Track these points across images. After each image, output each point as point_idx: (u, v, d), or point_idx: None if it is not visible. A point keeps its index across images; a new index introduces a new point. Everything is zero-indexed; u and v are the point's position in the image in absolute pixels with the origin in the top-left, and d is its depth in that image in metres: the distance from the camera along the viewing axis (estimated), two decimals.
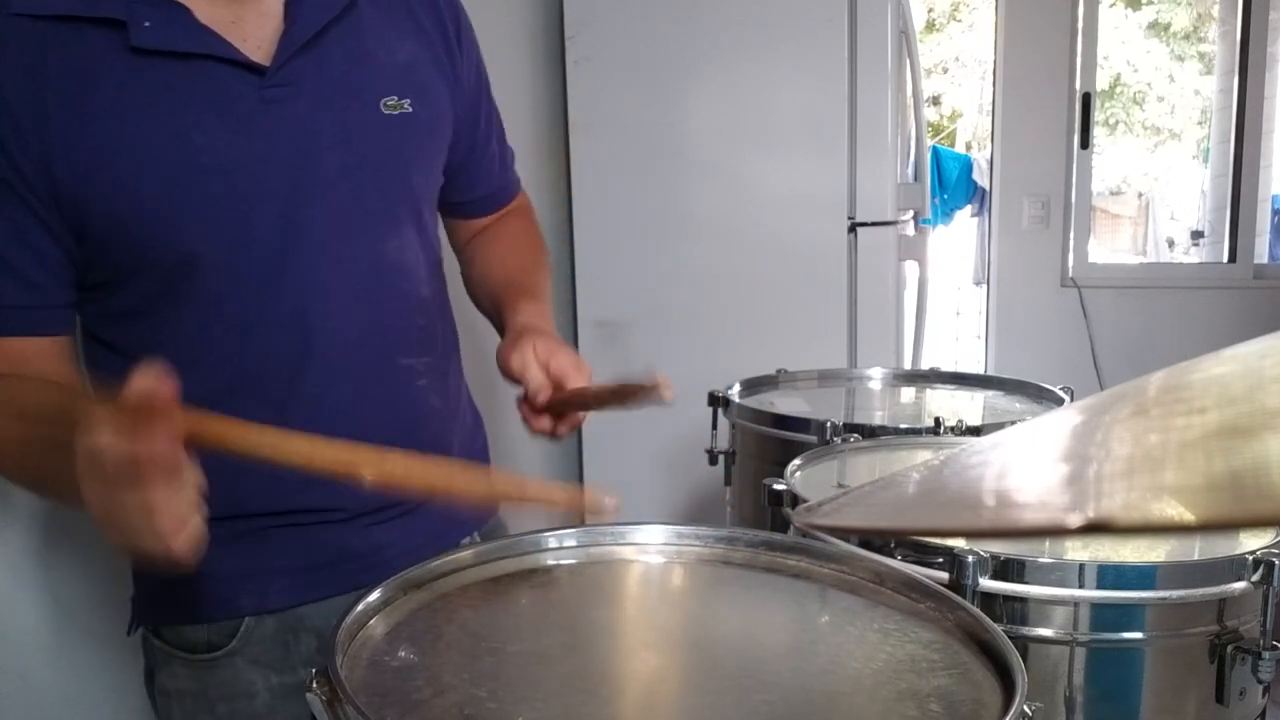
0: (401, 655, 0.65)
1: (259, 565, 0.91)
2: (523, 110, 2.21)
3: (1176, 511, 0.28)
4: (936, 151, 6.88)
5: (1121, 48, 9.32)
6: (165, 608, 0.94)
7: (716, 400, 1.52)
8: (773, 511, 1.03)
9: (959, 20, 11.05)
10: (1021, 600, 0.85)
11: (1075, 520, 0.29)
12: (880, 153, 2.13)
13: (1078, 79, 3.47)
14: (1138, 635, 0.85)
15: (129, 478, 0.60)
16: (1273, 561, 0.83)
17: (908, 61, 2.40)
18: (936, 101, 10.77)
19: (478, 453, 1.10)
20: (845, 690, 0.64)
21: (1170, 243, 8.41)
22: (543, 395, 0.91)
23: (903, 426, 1.36)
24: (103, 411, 0.61)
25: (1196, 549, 0.91)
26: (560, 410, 0.93)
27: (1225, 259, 3.59)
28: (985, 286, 3.82)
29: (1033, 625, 0.85)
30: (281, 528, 0.91)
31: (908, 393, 1.71)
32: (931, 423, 1.32)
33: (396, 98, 0.92)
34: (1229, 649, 0.86)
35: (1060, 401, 1.48)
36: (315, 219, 0.87)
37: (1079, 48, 3.45)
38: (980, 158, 6.85)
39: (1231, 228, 3.57)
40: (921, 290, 2.61)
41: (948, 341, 6.72)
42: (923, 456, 1.22)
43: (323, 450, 0.69)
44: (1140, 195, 9.37)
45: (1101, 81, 4.10)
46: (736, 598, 0.81)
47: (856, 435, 1.26)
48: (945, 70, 11.07)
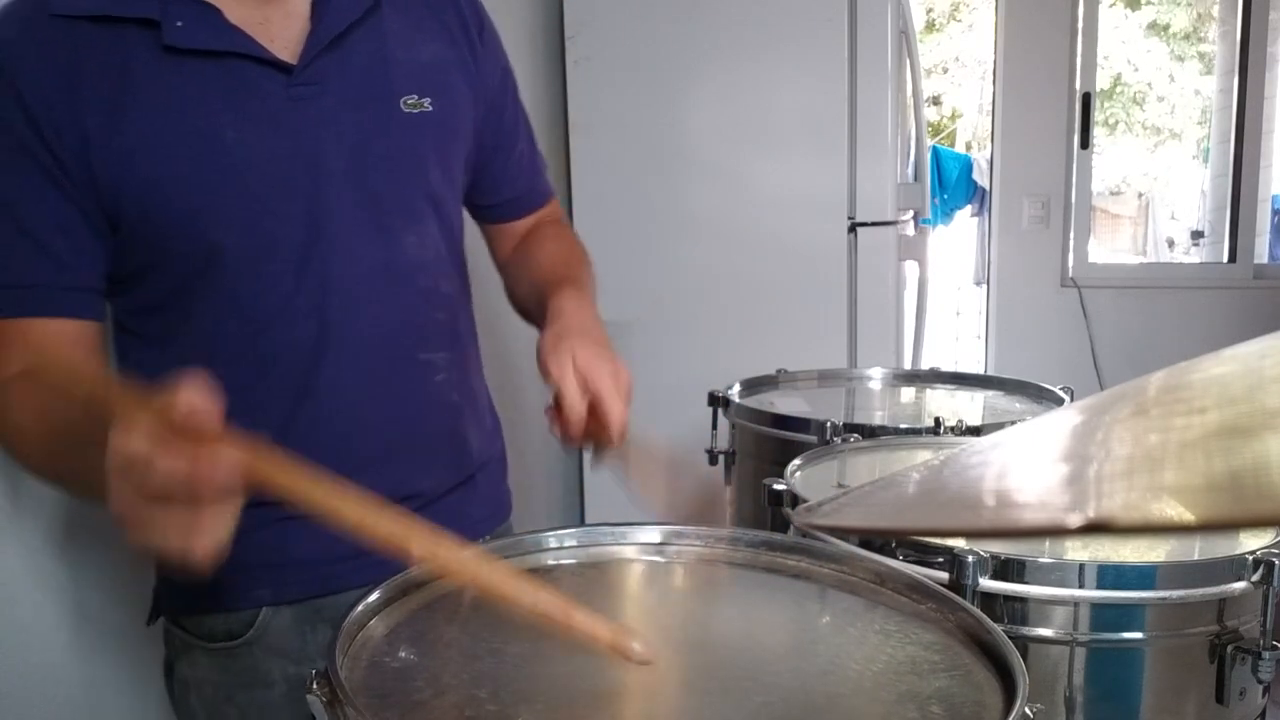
0: (401, 656, 0.65)
1: (278, 558, 0.92)
2: None
3: (1176, 511, 0.28)
4: (936, 151, 6.89)
5: (1121, 47, 9.33)
6: (186, 598, 0.95)
7: (716, 400, 1.52)
8: (773, 511, 1.03)
9: (959, 20, 11.06)
10: (1021, 600, 0.85)
11: (1075, 520, 0.29)
12: (880, 153, 2.13)
13: (1078, 79, 3.47)
14: (1138, 635, 0.85)
15: (179, 495, 0.58)
16: (1273, 561, 0.83)
17: (908, 61, 2.40)
18: (936, 101, 10.77)
19: (496, 456, 1.10)
20: (845, 691, 0.64)
21: (1170, 243, 8.41)
22: (576, 427, 0.86)
23: (903, 426, 1.36)
24: (144, 417, 0.58)
25: (1196, 549, 0.91)
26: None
27: (1225, 259, 3.59)
28: (985, 286, 3.82)
29: (1033, 625, 0.85)
30: (296, 520, 0.90)
31: (908, 393, 1.71)
32: (931, 423, 1.32)
33: (417, 96, 0.94)
34: (1229, 649, 0.86)
35: (1060, 401, 1.47)
36: (336, 214, 0.89)
37: (1079, 48, 3.46)
38: (980, 158, 6.85)
39: (1231, 228, 3.57)
40: (921, 290, 2.61)
41: (948, 341, 6.72)
42: (923, 456, 1.22)
43: (375, 520, 0.65)
44: (1140, 195, 9.37)
45: (1101, 81, 4.10)
46: (736, 598, 0.81)
47: (856, 435, 1.26)
48: (945, 70, 11.07)
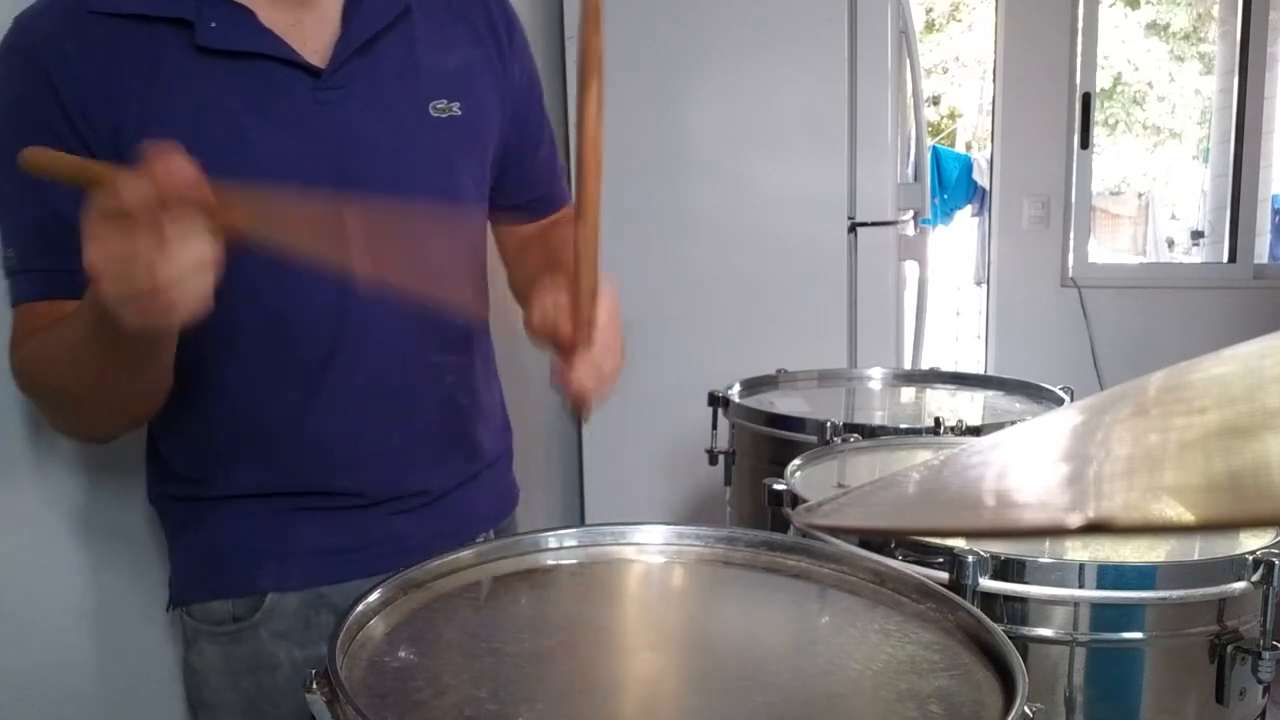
0: (401, 655, 0.65)
1: (282, 545, 0.94)
2: None
3: (1176, 511, 0.28)
4: (936, 151, 6.88)
5: (1121, 47, 9.32)
6: (194, 584, 0.97)
7: (716, 400, 1.52)
8: (773, 511, 1.03)
9: (959, 20, 11.05)
10: (1021, 600, 0.85)
11: (1075, 520, 0.29)
12: (880, 153, 2.13)
13: (1078, 79, 3.47)
14: (1138, 635, 0.85)
15: (146, 215, 0.61)
16: (1273, 561, 0.83)
17: (908, 61, 2.40)
18: (936, 101, 10.77)
19: (502, 454, 1.11)
20: (845, 691, 0.64)
21: (1170, 243, 8.41)
22: (562, 314, 0.80)
23: (903, 426, 1.36)
24: (124, 172, 0.62)
25: (1196, 549, 0.91)
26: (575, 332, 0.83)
27: (1225, 259, 3.59)
28: (985, 286, 3.81)
29: (1033, 625, 0.85)
30: (306, 510, 0.94)
31: (908, 393, 1.71)
32: (931, 423, 1.32)
33: (445, 101, 0.94)
34: (1229, 649, 0.86)
35: (1060, 401, 1.48)
36: (357, 216, 0.89)
37: (1079, 47, 3.45)
38: (980, 158, 6.84)
39: (1231, 228, 3.57)
40: (921, 290, 2.61)
41: (948, 341, 6.71)
42: (923, 456, 1.22)
43: (315, 241, 0.71)
44: (1140, 195, 9.37)
45: (1101, 81, 4.10)
46: (737, 598, 0.81)
47: (856, 435, 1.26)
48: (945, 70, 11.07)
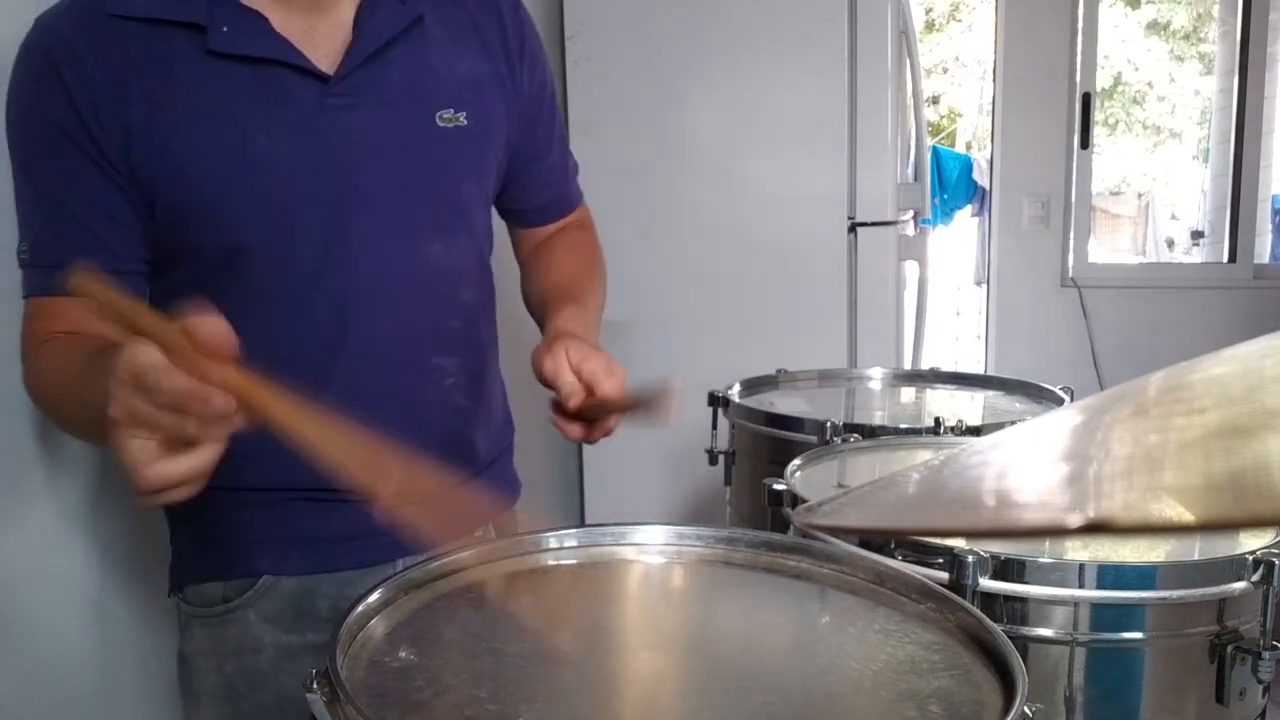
0: (402, 655, 0.65)
1: (279, 533, 0.95)
2: None
3: (1176, 511, 0.28)
4: (936, 151, 6.88)
5: (1121, 46, 9.32)
6: (191, 568, 0.98)
7: (716, 400, 1.52)
8: (773, 511, 1.03)
9: (959, 20, 11.05)
10: (1021, 600, 0.85)
11: (1075, 520, 0.29)
12: (880, 153, 2.13)
13: (1078, 79, 3.47)
14: (1138, 635, 0.85)
15: (169, 406, 0.61)
16: (1273, 561, 0.83)
17: (908, 61, 2.40)
18: (936, 101, 10.77)
19: (503, 453, 1.12)
20: (845, 691, 0.64)
21: (1170, 243, 8.41)
22: (574, 401, 0.89)
23: (903, 426, 1.36)
24: (165, 329, 0.62)
25: (1196, 549, 0.91)
26: (591, 417, 0.92)
27: (1225, 259, 3.59)
28: (985, 286, 3.81)
29: (1033, 625, 0.85)
30: (305, 502, 0.95)
31: (908, 393, 1.71)
32: (931, 423, 1.32)
33: (453, 111, 0.95)
34: (1229, 649, 0.86)
35: (1060, 401, 1.48)
36: (362, 222, 0.91)
37: (1079, 47, 3.45)
38: (980, 158, 6.85)
39: (1231, 228, 3.57)
40: (921, 290, 2.61)
41: (948, 341, 6.71)
42: (923, 456, 1.22)
43: (354, 452, 0.70)
44: (1140, 195, 9.37)
45: (1102, 81, 4.10)
46: (737, 598, 0.81)
47: (856, 435, 1.26)
48: (945, 70, 11.07)
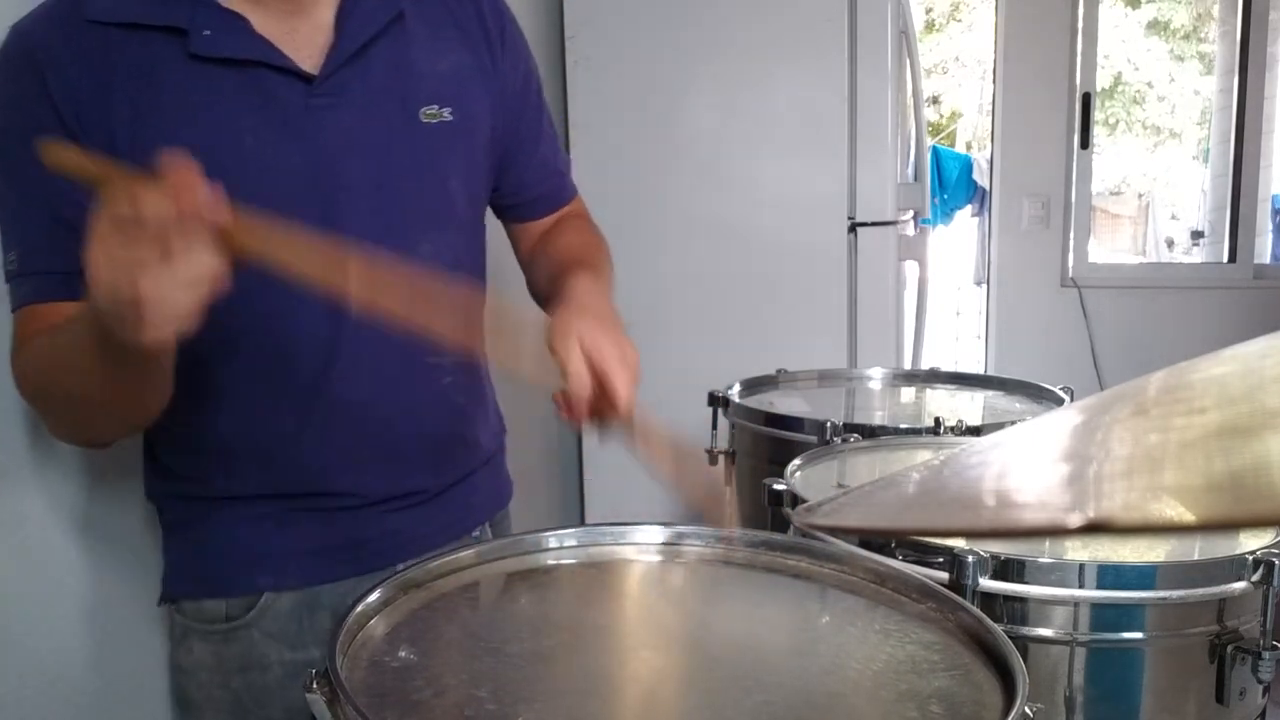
0: (401, 655, 0.65)
1: (278, 546, 0.95)
2: None
3: (1176, 511, 0.28)
4: (936, 151, 6.88)
5: (1121, 46, 9.32)
6: (188, 582, 0.98)
7: (716, 400, 1.52)
8: (773, 511, 1.03)
9: (959, 20, 11.05)
10: (1021, 600, 0.85)
11: (1075, 520, 0.29)
12: (880, 153, 2.13)
13: (1078, 79, 3.47)
14: (1138, 635, 0.85)
15: (156, 227, 0.62)
16: (1273, 561, 0.83)
17: (908, 61, 2.40)
18: (936, 101, 10.77)
19: (497, 450, 1.12)
20: (846, 691, 0.64)
21: (1170, 243, 8.41)
22: (582, 396, 0.83)
23: (903, 426, 1.36)
24: (137, 178, 0.63)
25: (1196, 549, 0.91)
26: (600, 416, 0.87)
27: (1225, 259, 3.59)
28: (985, 286, 3.82)
29: (1033, 625, 0.85)
30: (302, 511, 0.95)
31: (908, 393, 1.71)
32: (931, 423, 1.32)
33: (437, 107, 0.95)
34: (1229, 649, 0.86)
35: (1060, 401, 1.47)
36: (351, 221, 0.90)
37: (1079, 47, 3.45)
38: (980, 158, 6.85)
39: (1231, 228, 3.57)
40: (921, 290, 2.61)
41: (948, 341, 6.71)
42: (923, 456, 1.22)
43: (318, 259, 0.74)
44: (1140, 195, 9.37)
45: (1102, 81, 4.10)
46: (737, 598, 0.81)
47: (856, 435, 1.26)
48: (945, 70, 11.07)
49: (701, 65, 2.16)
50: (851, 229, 2.15)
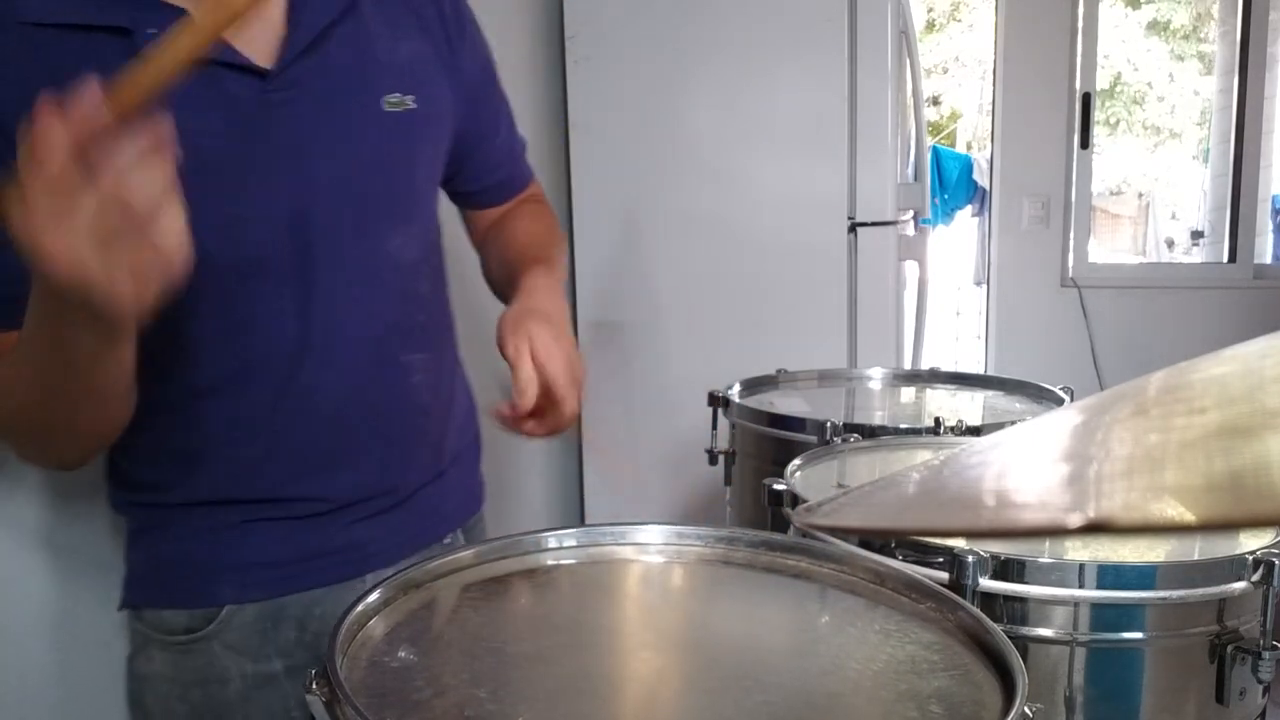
0: (401, 655, 0.65)
1: (240, 557, 0.92)
2: (523, 110, 2.19)
3: (1176, 511, 0.28)
4: (936, 151, 6.89)
5: (1121, 46, 9.32)
6: (149, 590, 0.95)
7: (716, 400, 1.52)
8: (773, 511, 1.03)
9: (959, 20, 11.06)
10: (1021, 600, 0.85)
11: (1075, 520, 0.29)
12: (880, 153, 2.13)
13: (1078, 79, 3.47)
14: (1138, 635, 0.85)
15: (79, 157, 0.59)
16: (1273, 561, 0.83)
17: (908, 61, 2.40)
18: (936, 101, 10.77)
19: (468, 444, 1.10)
20: (845, 691, 0.64)
21: (1170, 243, 8.41)
22: (529, 398, 0.88)
23: (903, 426, 1.36)
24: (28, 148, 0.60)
25: (1196, 549, 0.91)
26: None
27: (1225, 259, 3.59)
28: (985, 286, 3.81)
29: (1033, 625, 0.85)
30: (264, 520, 0.92)
31: (908, 393, 1.71)
32: (931, 423, 1.32)
33: (399, 95, 0.92)
34: (1229, 649, 0.86)
35: (1060, 401, 1.47)
36: (318, 217, 0.88)
37: (1079, 47, 3.45)
38: (980, 158, 6.85)
39: (1231, 228, 3.57)
40: (921, 290, 2.61)
41: (948, 341, 6.71)
42: (923, 456, 1.22)
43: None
44: (1140, 195, 9.37)
45: (1101, 81, 4.10)
46: (737, 598, 0.81)
47: (856, 435, 1.26)
48: (945, 70, 11.07)
49: (701, 65, 2.16)
50: (851, 229, 2.15)
